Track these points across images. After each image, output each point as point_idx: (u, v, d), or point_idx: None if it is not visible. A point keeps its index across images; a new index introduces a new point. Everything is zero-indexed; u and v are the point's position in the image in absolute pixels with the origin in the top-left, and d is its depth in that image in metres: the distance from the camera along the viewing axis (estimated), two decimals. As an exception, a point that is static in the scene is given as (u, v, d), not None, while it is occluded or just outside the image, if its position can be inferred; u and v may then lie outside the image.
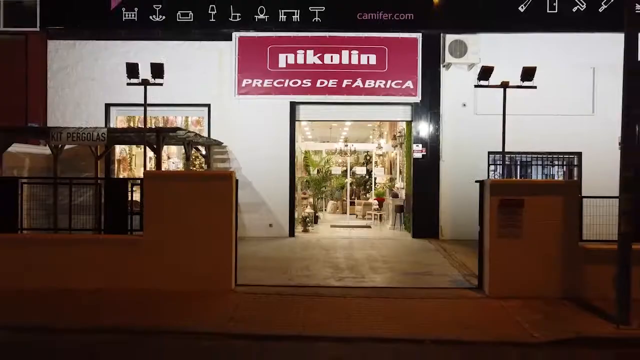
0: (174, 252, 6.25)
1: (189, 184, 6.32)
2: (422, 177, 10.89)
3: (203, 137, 9.03)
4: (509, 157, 11.03)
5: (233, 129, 10.91)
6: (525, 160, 11.28)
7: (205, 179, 6.38)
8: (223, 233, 6.32)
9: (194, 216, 6.25)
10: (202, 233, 6.27)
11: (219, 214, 6.28)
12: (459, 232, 10.71)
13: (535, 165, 11.34)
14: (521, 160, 11.26)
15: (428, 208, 10.84)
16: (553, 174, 11.72)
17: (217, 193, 6.28)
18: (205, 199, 6.25)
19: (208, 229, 6.27)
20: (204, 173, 6.46)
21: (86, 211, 7.32)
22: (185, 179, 6.37)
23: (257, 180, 10.93)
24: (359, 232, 12.03)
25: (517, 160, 11.23)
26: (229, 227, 6.33)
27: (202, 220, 6.25)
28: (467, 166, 10.76)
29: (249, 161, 10.92)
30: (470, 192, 10.91)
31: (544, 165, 11.58)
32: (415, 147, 10.87)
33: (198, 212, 6.25)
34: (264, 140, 10.91)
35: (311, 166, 13.86)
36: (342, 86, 10.81)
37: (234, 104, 10.91)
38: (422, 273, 7.57)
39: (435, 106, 10.85)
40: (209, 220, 6.26)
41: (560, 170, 11.95)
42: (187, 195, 6.27)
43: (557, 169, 11.85)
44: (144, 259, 6.25)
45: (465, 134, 10.80)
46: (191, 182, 6.35)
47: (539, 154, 11.05)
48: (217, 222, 6.29)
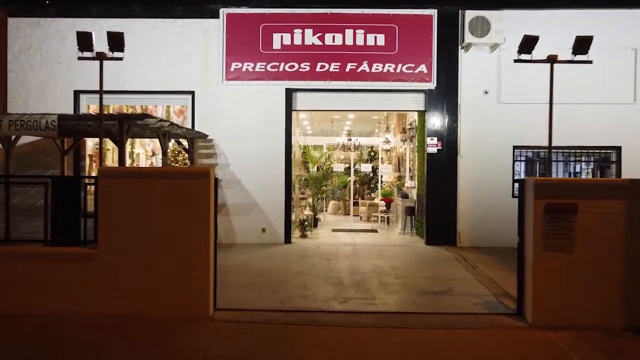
0: (135, 268, 5.08)
1: (156, 184, 5.13)
2: (437, 175, 9.70)
3: (182, 127, 7.85)
4: (533, 152, 9.85)
5: (220, 119, 9.73)
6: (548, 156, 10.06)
7: (176, 177, 5.19)
8: (198, 244, 5.14)
9: (161, 224, 5.08)
10: (172, 245, 5.10)
11: (194, 220, 5.09)
12: (480, 238, 9.54)
13: (560, 162, 10.15)
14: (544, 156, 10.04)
15: (444, 210, 9.66)
16: (578, 171, 10.54)
17: (191, 195, 5.09)
18: (176, 202, 5.07)
19: (179, 239, 5.10)
20: (175, 170, 5.36)
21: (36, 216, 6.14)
22: (150, 178, 5.19)
23: (247, 178, 9.76)
24: (364, 238, 10.84)
25: (543, 155, 10.02)
26: (206, 237, 5.14)
27: (171, 228, 5.08)
28: (488, 163, 9.60)
29: (238, 156, 9.75)
30: (492, 192, 9.79)
31: (567, 162, 10.40)
32: (429, 140, 9.67)
33: (167, 219, 5.07)
34: (256, 132, 9.74)
35: (310, 163, 12.69)
36: (345, 71, 9.62)
37: (221, 91, 9.73)
38: (444, 292, 6.39)
39: (453, 94, 9.64)
40: (181, 229, 5.09)
41: (589, 167, 10.78)
42: (153, 197, 5.09)
43: (586, 166, 10.68)
44: (98, 277, 5.08)
45: (487, 126, 9.61)
46: (158, 181, 5.16)
47: (571, 149, 9.85)
48: (191, 231, 5.11)
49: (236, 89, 9.72)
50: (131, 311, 5.01)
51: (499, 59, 9.51)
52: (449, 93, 9.64)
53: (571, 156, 10.24)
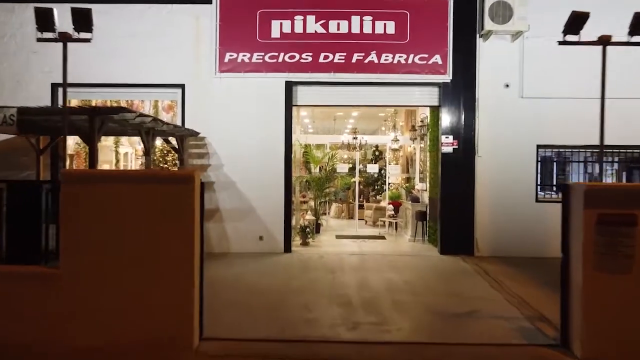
0: (105, 291, 4.27)
1: (130, 190, 4.32)
2: (453, 177, 8.89)
3: (168, 124, 7.05)
4: (557, 151, 9.04)
5: (213, 115, 8.93)
6: (574, 157, 9.27)
7: (154, 182, 4.38)
8: (180, 262, 4.33)
9: (136, 237, 4.27)
10: (149, 263, 4.29)
11: (175, 233, 4.28)
12: (500, 247, 8.74)
13: (575, 162, 9.35)
14: (567, 156, 9.26)
15: (460, 216, 8.85)
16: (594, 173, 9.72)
17: (172, 203, 4.28)
18: (153, 211, 4.26)
19: (158, 256, 4.29)
20: (152, 174, 4.56)
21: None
22: (123, 182, 4.37)
23: (243, 180, 8.95)
24: (372, 246, 10.04)
25: (568, 156, 9.23)
26: (189, 253, 4.33)
27: (148, 243, 4.27)
28: (509, 163, 8.81)
29: (233, 156, 8.94)
30: (514, 196, 8.97)
31: (586, 163, 9.60)
32: (444, 139, 8.86)
33: (143, 232, 4.27)
34: (253, 130, 8.94)
35: (312, 163, 11.88)
36: (351, 62, 8.81)
37: (214, 84, 8.92)
38: (468, 314, 5.58)
39: (470, 87, 8.84)
40: (160, 243, 4.28)
41: (612, 168, 9.99)
42: (127, 206, 4.28)
43: (610, 167, 9.88)
44: (62, 302, 4.27)
45: (507, 123, 8.81)
46: (133, 186, 4.35)
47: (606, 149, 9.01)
48: (171, 246, 4.29)
49: (231, 82, 8.92)
50: (98, 343, 4.20)
51: (521, 48, 8.71)
52: (466, 86, 8.84)
53: (595, 156, 9.41)
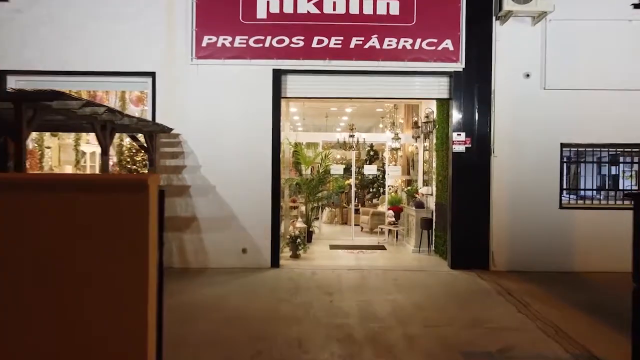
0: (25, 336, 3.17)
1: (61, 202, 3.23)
2: (465, 180, 7.91)
3: (131, 117, 5.96)
4: (579, 150, 8.10)
5: (189, 109, 7.85)
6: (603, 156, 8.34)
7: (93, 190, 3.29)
8: (130, 297, 3.23)
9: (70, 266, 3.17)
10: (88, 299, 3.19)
11: (121, 255, 3.17)
12: (520, 260, 7.78)
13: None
14: (599, 156, 8.33)
15: (473, 224, 7.87)
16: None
17: (118, 217, 3.18)
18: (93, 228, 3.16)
19: (98, 285, 3.17)
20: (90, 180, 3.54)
21: None
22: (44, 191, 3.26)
23: (224, 184, 7.88)
24: (371, 258, 9.02)
25: (598, 156, 8.30)
26: (140, 283, 3.21)
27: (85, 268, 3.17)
28: (530, 164, 7.86)
29: (212, 156, 7.87)
30: (535, 202, 7.95)
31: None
32: (456, 136, 7.87)
33: (80, 258, 3.17)
34: (235, 126, 7.87)
35: (303, 164, 10.84)
36: (349, 47, 7.79)
37: (190, 72, 7.84)
38: (500, 352, 4.57)
39: (485, 77, 7.86)
40: (101, 270, 3.17)
41: (632, 169, 9.09)
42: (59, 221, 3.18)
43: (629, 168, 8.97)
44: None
45: (528, 118, 7.85)
46: (65, 196, 3.25)
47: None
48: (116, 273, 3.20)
49: (209, 70, 7.83)
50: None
51: (543, 32, 7.75)
52: (481, 76, 7.86)
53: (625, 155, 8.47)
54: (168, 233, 7.82)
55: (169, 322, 5.05)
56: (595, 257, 7.68)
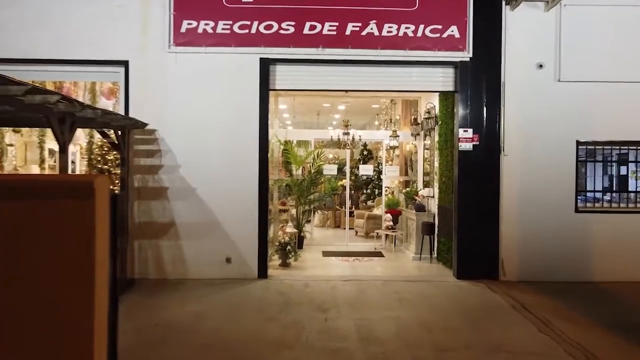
0: None
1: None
2: (473, 181, 7.25)
3: (95, 108, 5.21)
4: (596, 149, 7.49)
5: (166, 102, 7.11)
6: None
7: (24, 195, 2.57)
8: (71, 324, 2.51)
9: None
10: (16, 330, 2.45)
11: (62, 276, 2.46)
12: (532, 269, 7.16)
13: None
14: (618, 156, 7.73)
15: (482, 230, 7.22)
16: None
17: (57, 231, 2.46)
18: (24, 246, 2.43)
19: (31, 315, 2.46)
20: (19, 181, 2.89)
21: None
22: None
23: (206, 185, 7.15)
24: (368, 266, 8.34)
25: (618, 153, 7.69)
26: (86, 309, 2.50)
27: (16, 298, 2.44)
28: (543, 164, 7.23)
29: (192, 155, 7.14)
30: (549, 205, 7.22)
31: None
32: (462, 133, 7.22)
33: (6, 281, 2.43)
34: (218, 121, 7.16)
35: (294, 164, 10.13)
36: (345, 34, 7.10)
37: (167, 61, 7.11)
38: (529, 385, 3.90)
39: (495, 68, 7.22)
40: (36, 296, 2.45)
41: None
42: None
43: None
44: None
45: (541, 113, 7.22)
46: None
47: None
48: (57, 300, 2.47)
49: (189, 59, 7.11)
50: None
51: (558, 19, 7.13)
52: (490, 67, 7.21)
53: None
54: (144, 240, 7.08)
55: (132, 347, 4.32)
56: (615, 265, 7.07)
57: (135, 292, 6.47)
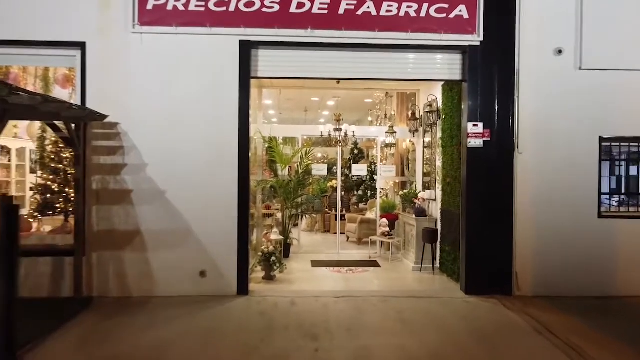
0: None
1: None
2: (482, 182, 6.46)
3: (35, 94, 4.29)
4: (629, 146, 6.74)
5: (130, 91, 6.21)
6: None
7: None
8: None
9: None
10: None
11: None
12: (552, 283, 6.39)
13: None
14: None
15: (493, 238, 6.43)
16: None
17: None
18: None
19: None
20: None
21: None
22: None
23: (177, 188, 6.25)
24: (363, 279, 7.50)
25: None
26: None
27: None
28: (562, 163, 6.49)
29: (161, 152, 6.24)
30: (569, 210, 6.22)
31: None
32: (471, 128, 6.42)
33: None
34: (192, 113, 6.27)
35: (279, 163, 9.26)
36: (337, 13, 6.27)
37: (131, 43, 6.20)
38: None
39: (508, 54, 6.43)
40: None
41: None
42: None
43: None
44: None
45: (559, 106, 6.45)
46: None
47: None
48: None
49: (157, 41, 6.21)
50: None
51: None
52: (502, 53, 6.42)
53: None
54: (104, 252, 6.16)
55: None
56: (645, 278, 6.34)
57: (92, 313, 5.56)
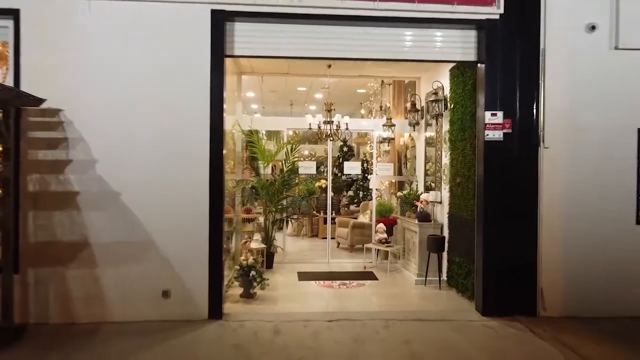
0: None
1: None
2: (501, 182, 5.51)
3: None
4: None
5: (76, 70, 5.12)
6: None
7: None
8: None
9: None
10: None
11: None
12: (585, 301, 5.49)
13: None
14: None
15: (513, 248, 5.49)
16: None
17: None
18: None
19: None
20: None
21: None
22: None
23: (134, 189, 5.19)
24: (360, 296, 6.51)
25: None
26: None
27: None
28: (595, 159, 5.56)
29: (114, 145, 5.17)
30: (603, 215, 5.23)
31: None
32: (490, 117, 5.46)
33: None
34: (153, 99, 5.21)
35: (261, 160, 8.23)
36: (329, -22, 5.26)
37: (77, 11, 5.12)
38: None
39: (532, 31, 5.49)
40: None
41: None
42: None
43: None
44: None
45: (592, 92, 5.53)
46: None
47: None
48: None
49: (109, 9, 5.14)
50: None
51: (615, -35, 5.46)
52: (525, 29, 5.48)
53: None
54: (43, 269, 5.07)
55: None
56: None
57: (25, 345, 4.49)
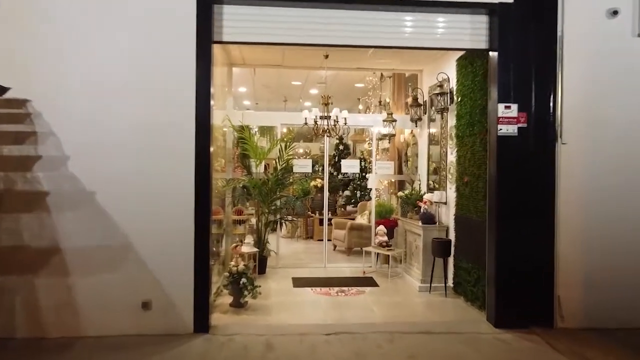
0: None
1: None
2: (515, 180, 5.07)
3: None
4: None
5: (46, 57, 4.63)
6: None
7: None
8: None
9: None
10: None
11: None
12: (607, 311, 5.08)
13: None
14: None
15: (528, 253, 5.05)
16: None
17: None
18: None
19: None
20: None
21: None
22: None
23: (110, 188, 4.71)
24: (360, 304, 6.05)
25: None
26: None
27: None
28: (616, 156, 5.12)
29: (88, 141, 4.69)
30: (626, 215, 5.03)
31: None
32: (503, 110, 5.02)
33: None
34: (131, 89, 4.73)
35: (253, 157, 7.75)
36: (327, -44, 4.79)
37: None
38: None
39: (548, 16, 5.05)
40: None
41: None
42: None
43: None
44: None
45: (613, 83, 5.10)
46: None
47: None
48: None
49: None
50: None
51: (640, -57, 5.03)
52: (541, 14, 5.04)
53: None
54: (9, 277, 4.59)
55: None
56: None
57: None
